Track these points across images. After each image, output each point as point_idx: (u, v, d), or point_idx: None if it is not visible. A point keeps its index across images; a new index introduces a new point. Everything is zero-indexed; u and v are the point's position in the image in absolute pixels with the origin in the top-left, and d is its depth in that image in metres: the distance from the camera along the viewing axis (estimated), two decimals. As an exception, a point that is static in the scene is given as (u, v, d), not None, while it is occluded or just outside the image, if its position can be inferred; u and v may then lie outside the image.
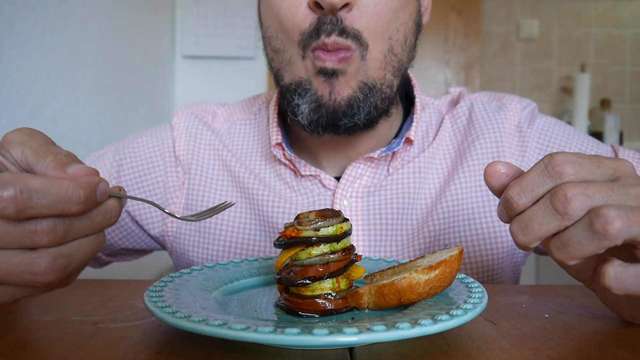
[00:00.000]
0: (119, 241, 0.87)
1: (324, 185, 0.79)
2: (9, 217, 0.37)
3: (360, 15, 0.68)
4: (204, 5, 2.57)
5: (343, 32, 0.67)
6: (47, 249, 0.39)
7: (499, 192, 0.45)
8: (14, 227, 0.38)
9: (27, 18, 1.26)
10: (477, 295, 0.47)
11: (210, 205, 0.82)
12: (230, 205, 0.53)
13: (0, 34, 1.15)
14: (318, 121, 0.70)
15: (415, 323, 0.39)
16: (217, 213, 0.51)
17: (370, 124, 0.73)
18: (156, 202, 0.84)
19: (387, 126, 0.82)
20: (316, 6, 0.67)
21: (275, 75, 0.75)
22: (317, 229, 0.49)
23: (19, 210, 0.37)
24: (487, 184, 0.46)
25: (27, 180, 0.38)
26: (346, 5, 0.66)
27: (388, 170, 0.80)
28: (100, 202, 0.42)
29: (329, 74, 0.68)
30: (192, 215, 0.49)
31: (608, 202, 0.40)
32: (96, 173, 0.42)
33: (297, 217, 0.51)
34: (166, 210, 0.48)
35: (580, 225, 0.40)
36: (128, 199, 0.84)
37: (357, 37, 0.68)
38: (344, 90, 0.69)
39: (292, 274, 0.50)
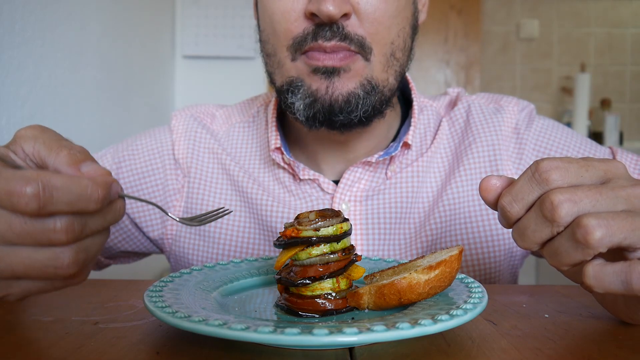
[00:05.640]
0: (118, 244, 0.87)
1: (322, 189, 0.79)
2: (31, 213, 0.38)
3: (360, 22, 0.68)
4: (204, 5, 2.57)
5: (346, 37, 0.67)
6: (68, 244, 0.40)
7: (495, 206, 0.46)
8: (33, 225, 0.39)
9: (27, 18, 1.26)
10: (477, 295, 0.47)
11: (210, 210, 0.82)
12: (228, 212, 0.54)
13: (0, 34, 1.15)
14: (315, 117, 0.70)
15: (415, 323, 0.39)
16: (216, 219, 0.52)
17: (365, 122, 0.72)
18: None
19: (385, 128, 0.82)
20: (312, 15, 0.67)
21: (270, 77, 0.76)
22: (317, 229, 0.49)
23: (41, 207, 0.38)
24: (483, 199, 0.46)
25: (49, 177, 0.38)
26: (345, 15, 0.66)
27: (386, 174, 0.79)
28: (111, 201, 0.43)
29: (328, 72, 0.68)
30: (192, 219, 0.50)
31: (596, 207, 0.40)
32: (109, 173, 0.43)
33: (297, 217, 0.51)
34: (170, 214, 0.49)
35: (565, 234, 0.41)
36: (127, 200, 0.84)
37: (361, 43, 0.68)
38: (344, 86, 0.69)
39: (292, 274, 0.50)
